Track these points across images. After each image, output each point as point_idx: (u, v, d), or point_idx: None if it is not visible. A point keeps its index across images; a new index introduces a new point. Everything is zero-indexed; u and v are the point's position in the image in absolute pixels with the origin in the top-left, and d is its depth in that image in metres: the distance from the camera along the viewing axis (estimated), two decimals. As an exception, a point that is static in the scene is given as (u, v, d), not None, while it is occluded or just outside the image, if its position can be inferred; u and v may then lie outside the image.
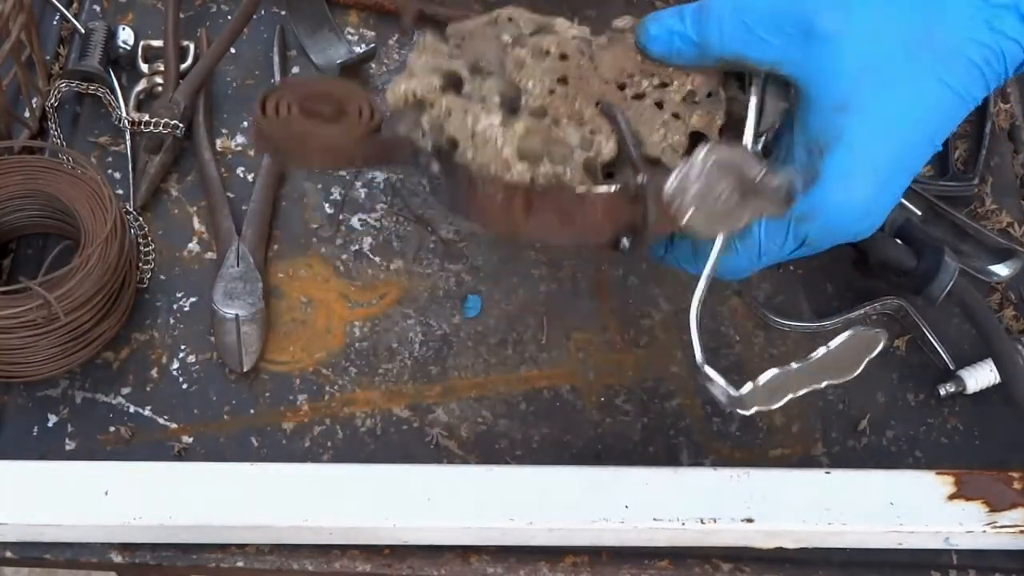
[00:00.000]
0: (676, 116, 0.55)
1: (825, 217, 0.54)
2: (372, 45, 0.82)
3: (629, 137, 0.53)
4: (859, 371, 0.55)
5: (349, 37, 0.82)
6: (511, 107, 0.54)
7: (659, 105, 0.55)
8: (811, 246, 0.56)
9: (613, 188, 0.52)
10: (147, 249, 0.72)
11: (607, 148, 0.53)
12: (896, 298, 0.73)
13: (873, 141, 0.53)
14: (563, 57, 0.55)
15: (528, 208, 0.52)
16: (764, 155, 0.57)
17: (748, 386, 0.53)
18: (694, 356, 0.55)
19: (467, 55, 0.57)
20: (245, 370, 0.68)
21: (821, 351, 0.55)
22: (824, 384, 0.55)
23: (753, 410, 0.54)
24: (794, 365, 0.54)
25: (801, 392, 0.54)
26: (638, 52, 0.56)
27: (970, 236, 0.76)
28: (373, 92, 0.58)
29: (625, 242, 0.55)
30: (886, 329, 0.73)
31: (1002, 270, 0.75)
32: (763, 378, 0.54)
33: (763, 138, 0.57)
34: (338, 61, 0.80)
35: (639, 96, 0.55)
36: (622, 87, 0.55)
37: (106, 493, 0.59)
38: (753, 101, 0.55)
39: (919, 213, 0.76)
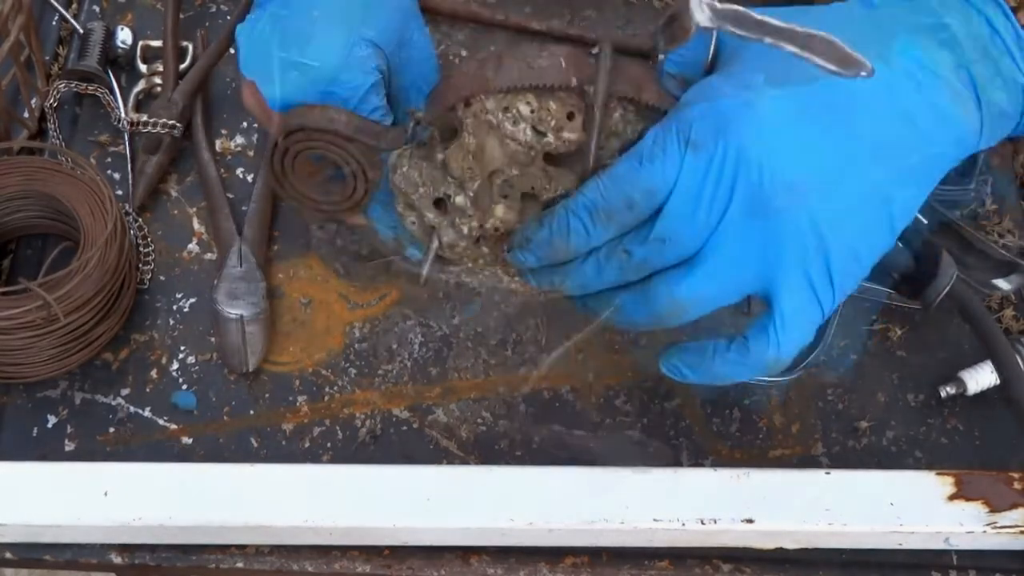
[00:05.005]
0: None
1: None
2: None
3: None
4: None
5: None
6: None
7: None
8: None
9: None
10: (147, 250, 0.72)
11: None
12: (896, 298, 0.72)
13: None
14: None
15: (499, 64, 0.57)
16: None
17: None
18: None
19: None
20: (250, 370, 0.68)
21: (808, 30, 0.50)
22: (806, 54, 0.51)
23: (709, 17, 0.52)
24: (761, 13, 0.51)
25: (775, 41, 0.51)
26: None
27: (975, 248, 0.75)
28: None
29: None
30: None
31: (1005, 284, 0.74)
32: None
33: None
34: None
35: None
36: None
37: (105, 494, 0.59)
38: None
39: (925, 221, 0.75)
